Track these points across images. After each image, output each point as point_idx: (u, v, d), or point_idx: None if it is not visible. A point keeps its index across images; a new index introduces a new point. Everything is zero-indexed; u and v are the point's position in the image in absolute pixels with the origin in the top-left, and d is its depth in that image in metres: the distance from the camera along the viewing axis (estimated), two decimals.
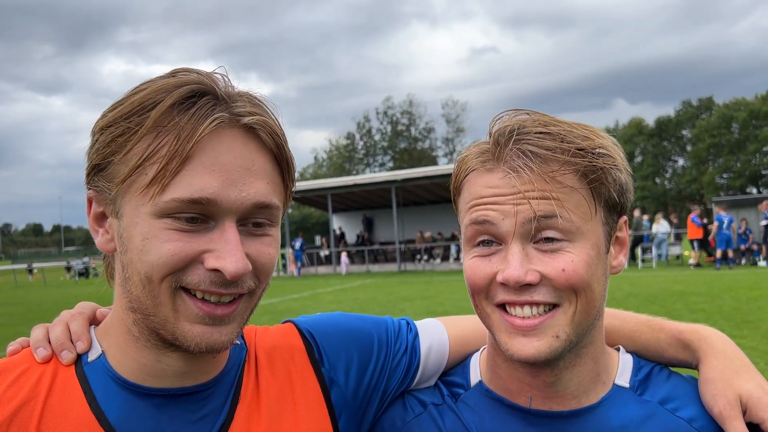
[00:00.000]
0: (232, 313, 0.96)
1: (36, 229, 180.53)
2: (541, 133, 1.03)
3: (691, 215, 23.28)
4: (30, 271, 49.42)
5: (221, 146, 0.92)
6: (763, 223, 22.55)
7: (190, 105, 0.91)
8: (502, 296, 1.05)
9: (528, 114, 1.08)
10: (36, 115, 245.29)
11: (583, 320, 1.05)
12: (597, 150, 1.03)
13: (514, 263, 1.01)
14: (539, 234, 1.02)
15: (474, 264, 1.08)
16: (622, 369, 1.18)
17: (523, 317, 1.04)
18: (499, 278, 1.03)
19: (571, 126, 1.06)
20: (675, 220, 26.69)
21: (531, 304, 1.03)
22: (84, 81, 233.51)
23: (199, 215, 0.91)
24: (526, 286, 1.02)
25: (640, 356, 1.23)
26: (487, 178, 1.06)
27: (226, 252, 0.91)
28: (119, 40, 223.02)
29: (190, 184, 0.89)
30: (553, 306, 1.04)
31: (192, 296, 0.94)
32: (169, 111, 0.90)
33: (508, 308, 1.05)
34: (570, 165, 1.01)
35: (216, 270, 0.91)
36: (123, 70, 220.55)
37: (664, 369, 1.21)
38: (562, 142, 1.02)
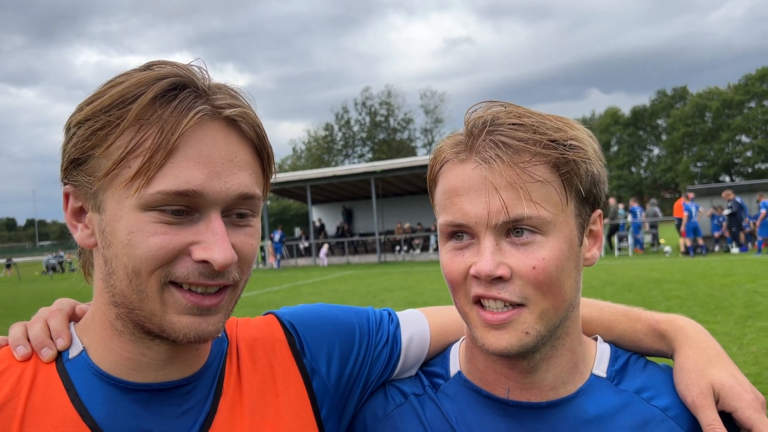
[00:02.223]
0: (218, 304, 0.96)
1: (9, 224, 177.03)
2: (514, 124, 1.03)
3: (681, 200, 23.45)
4: (8, 265, 48.66)
5: (205, 138, 0.92)
6: (726, 212, 22.96)
7: (171, 98, 0.91)
8: (475, 290, 1.06)
9: (503, 105, 1.09)
10: (7, 108, 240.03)
11: (553, 316, 1.06)
12: (569, 142, 1.04)
13: (486, 256, 1.02)
14: (511, 226, 1.02)
15: (448, 258, 1.09)
16: (600, 359, 1.19)
17: (494, 312, 1.05)
18: (472, 271, 1.04)
19: (544, 118, 1.06)
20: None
21: (498, 299, 1.04)
22: (56, 73, 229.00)
23: (185, 207, 0.91)
24: (497, 280, 1.03)
25: (617, 346, 1.24)
26: (460, 170, 1.06)
27: (213, 243, 0.91)
28: (91, 31, 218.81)
29: (176, 177, 0.89)
30: (520, 305, 1.04)
31: (179, 288, 0.93)
32: (151, 104, 0.89)
33: (483, 302, 1.06)
34: (542, 156, 1.02)
35: (203, 261, 0.91)
36: (96, 62, 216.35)
37: (641, 359, 1.23)
38: (535, 133, 1.02)
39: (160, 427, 0.99)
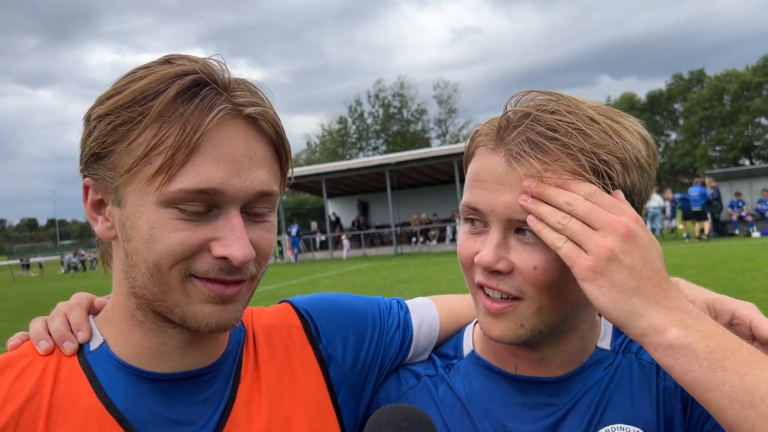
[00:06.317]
0: (239, 293, 0.98)
1: (31, 224, 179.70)
2: (549, 125, 0.99)
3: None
4: (27, 266, 49.20)
5: (225, 137, 0.92)
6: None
7: (192, 95, 0.91)
8: (478, 277, 1.08)
9: (548, 96, 1.04)
10: (24, 109, 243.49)
11: (552, 314, 1.07)
12: (603, 157, 0.98)
13: (489, 248, 1.03)
14: (522, 224, 1.02)
15: (462, 240, 1.12)
16: (604, 333, 1.24)
17: (493, 300, 1.07)
18: (475, 259, 1.06)
19: (591, 121, 1.00)
20: (670, 197, 25.33)
21: (497, 290, 1.06)
22: (71, 73, 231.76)
23: (204, 205, 0.92)
24: (496, 272, 1.05)
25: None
26: (488, 158, 1.06)
27: (233, 240, 0.92)
28: (104, 30, 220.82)
29: (197, 175, 0.90)
30: (517, 298, 1.05)
31: (201, 279, 0.95)
32: (172, 101, 0.90)
33: (485, 289, 1.09)
34: (569, 163, 0.98)
35: (223, 257, 0.93)
36: (110, 61, 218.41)
37: None
38: (569, 137, 0.98)
39: (182, 415, 1.02)
